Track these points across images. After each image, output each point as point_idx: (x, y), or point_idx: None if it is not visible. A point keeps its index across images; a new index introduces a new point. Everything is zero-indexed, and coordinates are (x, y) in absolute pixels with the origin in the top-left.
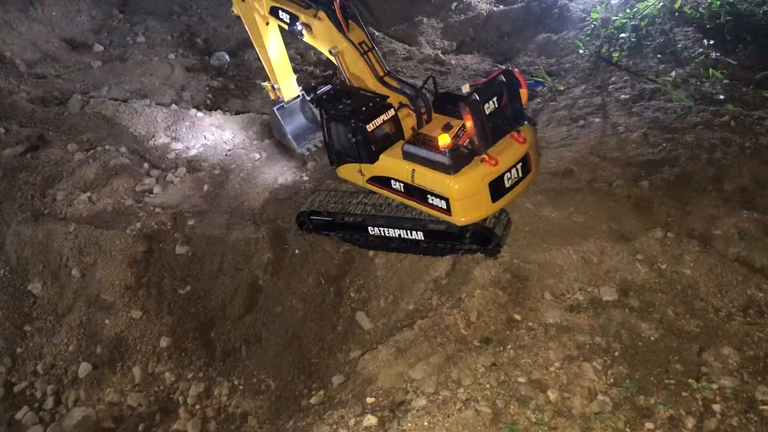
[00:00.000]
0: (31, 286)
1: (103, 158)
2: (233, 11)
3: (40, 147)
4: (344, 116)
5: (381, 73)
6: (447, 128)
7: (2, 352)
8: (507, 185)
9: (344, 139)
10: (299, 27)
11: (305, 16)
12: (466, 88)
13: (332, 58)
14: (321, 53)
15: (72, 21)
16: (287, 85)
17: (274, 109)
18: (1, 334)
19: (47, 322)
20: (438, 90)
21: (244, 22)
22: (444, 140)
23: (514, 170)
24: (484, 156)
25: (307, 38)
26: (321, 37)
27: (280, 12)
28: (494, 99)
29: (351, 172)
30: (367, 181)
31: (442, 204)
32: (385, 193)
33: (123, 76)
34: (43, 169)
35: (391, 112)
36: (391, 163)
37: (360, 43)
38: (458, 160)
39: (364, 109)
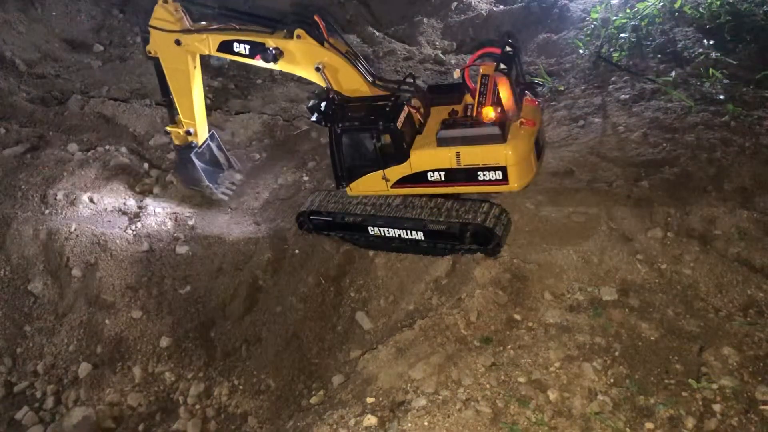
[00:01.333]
0: (31, 286)
1: (103, 158)
2: (148, 51)
3: (40, 147)
4: (368, 121)
5: (370, 79)
6: (454, 113)
7: (2, 352)
8: (540, 144)
9: (366, 148)
10: (272, 52)
11: (274, 40)
12: (457, 74)
13: (318, 77)
14: None
15: (72, 21)
16: (203, 129)
17: (192, 155)
18: (1, 334)
19: (47, 322)
20: (417, 86)
21: (165, 65)
22: (489, 113)
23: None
24: (521, 119)
25: (280, 65)
26: (302, 56)
27: (235, 45)
28: (514, 67)
29: (370, 184)
30: (392, 186)
31: (497, 175)
32: (417, 191)
33: (123, 76)
34: (43, 169)
35: (407, 110)
36: (427, 155)
37: (345, 53)
38: (504, 129)
39: (387, 109)
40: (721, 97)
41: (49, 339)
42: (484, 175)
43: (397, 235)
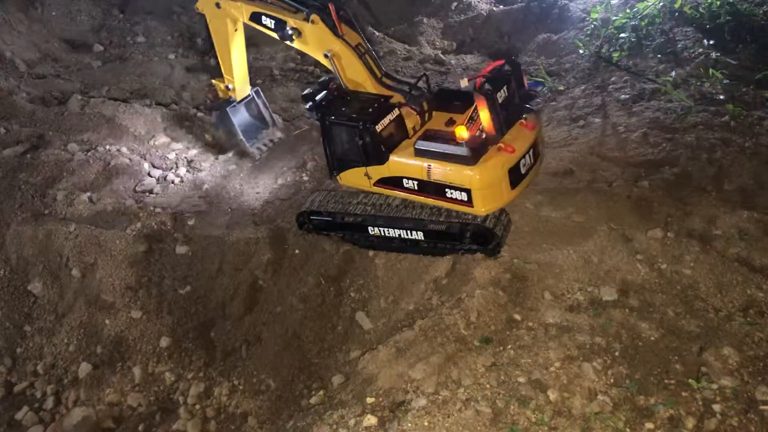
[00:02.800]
0: (31, 286)
1: (103, 158)
2: (197, 8)
3: (40, 147)
4: (350, 119)
5: (379, 75)
6: (450, 123)
7: (2, 352)
8: (522, 171)
9: (349, 144)
10: (289, 32)
11: (294, 20)
12: (464, 82)
13: (327, 63)
14: None
15: (72, 21)
16: (243, 86)
17: (227, 109)
18: (1, 334)
19: (47, 322)
20: (431, 88)
21: (209, 22)
22: (461, 132)
23: (527, 156)
24: (500, 144)
25: (296, 43)
26: (314, 41)
27: (263, 18)
28: (504, 88)
29: (355, 178)
30: (374, 184)
31: (463, 196)
32: (395, 193)
33: (123, 76)
34: (43, 169)
35: (396, 112)
36: (403, 162)
37: (356, 46)
38: (476, 150)
39: (370, 110)
40: (721, 97)
41: (49, 339)
42: (451, 194)
43: (397, 235)
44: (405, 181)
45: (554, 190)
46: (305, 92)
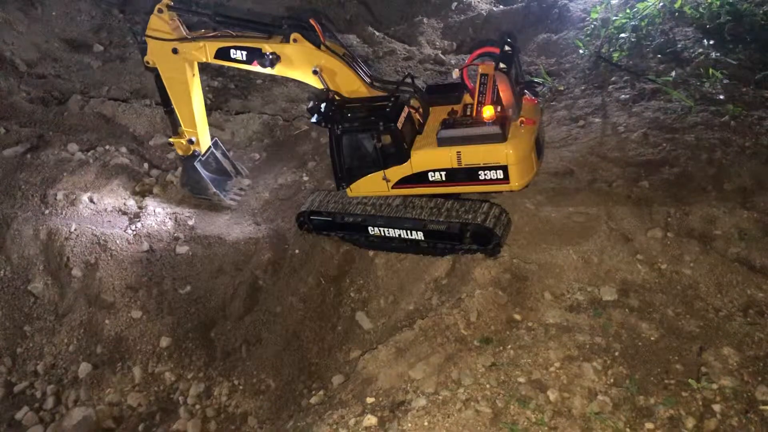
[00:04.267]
0: (31, 286)
1: (103, 158)
2: (146, 62)
3: (40, 147)
4: (368, 122)
5: (368, 80)
6: (453, 113)
7: (2, 352)
8: (540, 142)
9: (365, 149)
10: (269, 58)
11: (270, 45)
12: (456, 74)
13: (316, 79)
14: None
15: (72, 21)
16: (205, 137)
17: (196, 163)
18: (1, 334)
19: (47, 322)
20: (416, 86)
21: (163, 74)
22: (488, 112)
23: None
24: (522, 118)
25: (278, 69)
26: (300, 60)
27: (232, 52)
28: (513, 66)
29: (371, 184)
30: (393, 186)
31: (498, 174)
32: (418, 191)
33: (123, 76)
34: (43, 169)
35: (407, 110)
36: (428, 155)
37: (342, 55)
38: (504, 128)
39: (387, 109)
40: (721, 97)
41: (49, 339)
42: (485, 175)
43: (397, 235)
44: (431, 174)
45: (554, 190)
46: (310, 106)
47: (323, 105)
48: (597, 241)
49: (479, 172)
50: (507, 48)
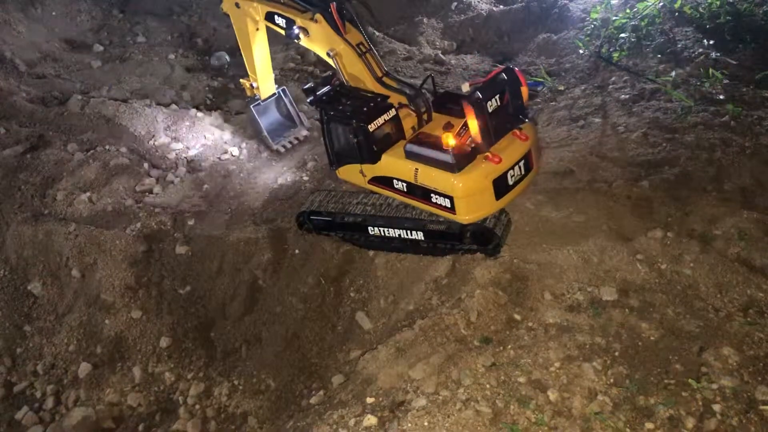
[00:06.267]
0: (31, 286)
1: (103, 158)
2: (222, 9)
3: (40, 147)
4: (345, 117)
5: (379, 74)
6: (448, 127)
7: (2, 352)
8: (510, 183)
9: (345, 140)
10: (296, 31)
11: (302, 19)
12: (465, 87)
13: (330, 61)
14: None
15: (72, 21)
16: (266, 84)
17: (251, 106)
18: (1, 334)
19: (47, 322)
20: (437, 89)
21: (233, 22)
22: (448, 139)
23: (517, 168)
24: (487, 154)
25: (303, 42)
26: (318, 39)
27: (276, 17)
28: (497, 97)
29: (352, 174)
30: (368, 182)
31: (446, 202)
32: (386, 193)
33: (123, 76)
34: (43, 169)
35: (392, 112)
36: (394, 163)
37: (358, 45)
38: (462, 158)
39: (365, 109)
40: (721, 97)
41: (49, 339)
42: (435, 199)
43: (397, 235)
44: (395, 181)
45: (554, 190)
46: (307, 86)
47: (322, 89)
48: (597, 241)
49: (431, 195)
50: (503, 76)
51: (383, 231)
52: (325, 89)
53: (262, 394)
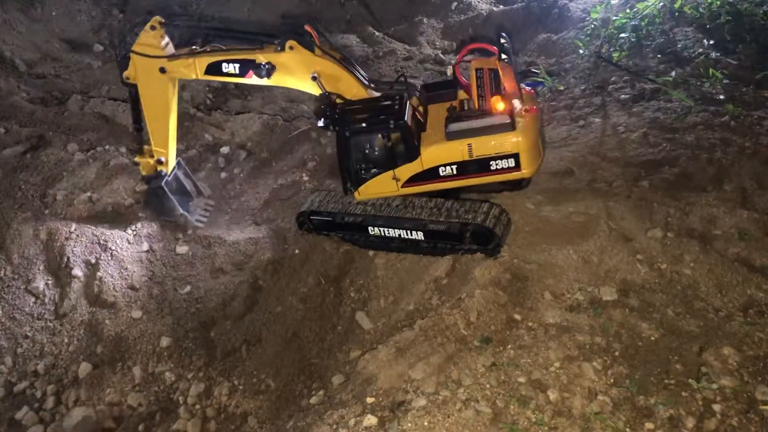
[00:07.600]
0: (31, 286)
1: (103, 158)
2: (125, 77)
3: (40, 147)
4: (379, 121)
5: (366, 81)
6: (453, 109)
7: (2, 352)
8: (542, 131)
9: (377, 148)
10: (264, 68)
11: (265, 55)
12: (450, 71)
13: (314, 85)
14: None
15: (72, 21)
16: (174, 157)
17: (162, 185)
18: (1, 334)
19: (48, 322)
20: (409, 87)
21: (143, 92)
22: (497, 103)
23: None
24: (526, 107)
25: (275, 79)
26: (298, 67)
27: (224, 65)
28: (511, 58)
29: (380, 185)
30: (402, 186)
31: (510, 163)
32: (428, 188)
33: None
34: (43, 169)
35: (411, 107)
36: (437, 150)
37: (340, 59)
38: (513, 117)
39: (396, 107)
40: (721, 97)
41: (49, 339)
42: (496, 165)
43: (397, 235)
44: (441, 169)
45: (554, 190)
46: (316, 109)
47: (328, 109)
48: (597, 241)
49: (491, 163)
50: (503, 41)
51: (383, 231)
52: (332, 107)
53: (262, 394)
